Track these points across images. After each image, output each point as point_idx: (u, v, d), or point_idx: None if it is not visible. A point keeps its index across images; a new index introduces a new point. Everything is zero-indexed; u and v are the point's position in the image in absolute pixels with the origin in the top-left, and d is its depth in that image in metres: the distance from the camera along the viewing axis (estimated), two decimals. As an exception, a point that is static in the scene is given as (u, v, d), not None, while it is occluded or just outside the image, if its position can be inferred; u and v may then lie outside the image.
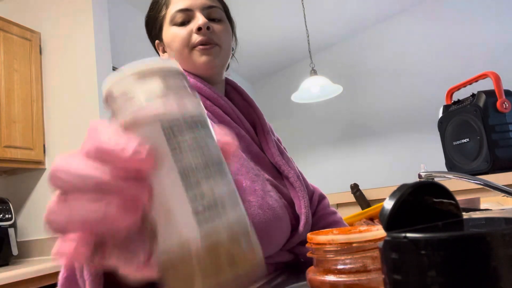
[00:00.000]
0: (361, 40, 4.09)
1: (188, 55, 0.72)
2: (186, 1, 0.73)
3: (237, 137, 0.72)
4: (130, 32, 2.93)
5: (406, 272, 0.23)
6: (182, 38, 0.71)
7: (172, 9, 0.73)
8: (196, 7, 0.73)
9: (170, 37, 0.74)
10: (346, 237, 0.38)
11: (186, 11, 0.72)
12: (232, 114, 0.74)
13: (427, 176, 0.90)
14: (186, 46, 0.72)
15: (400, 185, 0.28)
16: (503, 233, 0.22)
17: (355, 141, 4.11)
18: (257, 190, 0.66)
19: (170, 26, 0.73)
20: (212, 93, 0.73)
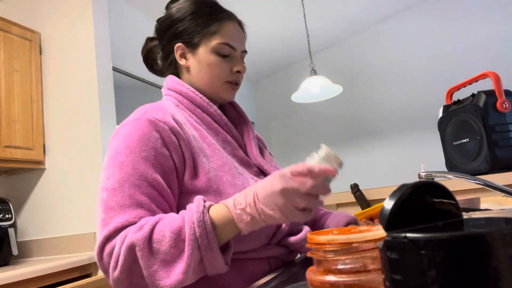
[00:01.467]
0: (361, 40, 4.09)
1: (217, 85, 0.82)
2: (236, 40, 0.83)
3: (224, 142, 0.81)
4: (130, 32, 2.92)
5: (406, 272, 0.23)
6: (221, 71, 0.81)
7: (220, 38, 0.81)
8: (239, 49, 0.84)
9: (208, 61, 0.81)
10: (346, 237, 0.38)
11: (232, 48, 0.82)
12: (220, 122, 0.82)
13: (427, 176, 0.90)
14: (220, 79, 0.82)
15: (400, 185, 0.28)
16: (503, 233, 0.22)
17: (355, 141, 4.11)
18: (237, 185, 0.73)
19: (211, 52, 0.81)
20: (203, 102, 0.81)
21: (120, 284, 0.61)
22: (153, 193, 0.65)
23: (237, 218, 0.60)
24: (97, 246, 0.62)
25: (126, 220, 0.62)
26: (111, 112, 2.14)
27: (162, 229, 0.59)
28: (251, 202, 0.60)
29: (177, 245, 0.59)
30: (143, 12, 3.11)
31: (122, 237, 0.60)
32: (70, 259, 1.73)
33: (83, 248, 1.95)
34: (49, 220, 2.10)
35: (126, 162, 0.66)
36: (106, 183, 0.66)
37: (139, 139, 0.68)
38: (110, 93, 2.16)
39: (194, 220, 0.59)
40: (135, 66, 2.84)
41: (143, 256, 0.58)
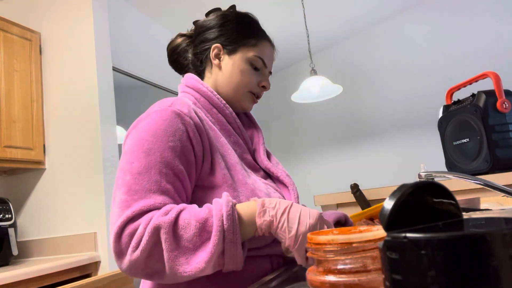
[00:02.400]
0: (361, 40, 4.09)
1: (242, 94, 0.88)
2: (268, 59, 0.91)
3: (235, 144, 0.84)
4: (130, 32, 2.92)
5: (406, 272, 0.23)
6: (250, 82, 0.88)
7: (257, 51, 0.88)
8: (269, 68, 0.92)
9: (241, 68, 0.87)
10: (346, 237, 0.38)
11: (264, 64, 0.90)
12: (233, 124, 0.86)
13: (427, 176, 0.90)
14: (246, 87, 0.88)
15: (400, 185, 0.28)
16: (503, 233, 0.22)
17: (355, 141, 4.11)
18: (248, 184, 0.76)
19: (246, 62, 0.87)
20: (219, 103, 0.85)
21: (136, 267, 0.61)
22: (177, 183, 0.68)
23: (259, 213, 0.64)
24: (117, 225, 0.62)
25: (152, 204, 0.63)
26: (111, 112, 2.14)
27: (187, 217, 0.61)
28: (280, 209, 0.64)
29: (201, 234, 0.61)
30: (143, 12, 3.11)
31: (147, 219, 0.61)
32: (70, 259, 1.73)
33: (83, 248, 1.95)
34: (49, 220, 2.10)
35: (154, 149, 0.67)
36: (130, 167, 0.66)
37: (166, 129, 0.69)
38: (110, 93, 2.16)
39: (224, 213, 0.61)
40: (135, 66, 2.84)
41: (167, 239, 0.59)
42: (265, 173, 0.89)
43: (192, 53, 0.94)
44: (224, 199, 0.64)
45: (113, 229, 0.63)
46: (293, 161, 4.60)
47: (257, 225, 0.63)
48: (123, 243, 0.62)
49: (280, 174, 0.88)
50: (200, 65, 0.92)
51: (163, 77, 3.08)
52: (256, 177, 0.83)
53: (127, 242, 0.61)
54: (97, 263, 1.89)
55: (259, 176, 0.85)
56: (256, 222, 0.63)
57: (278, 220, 0.62)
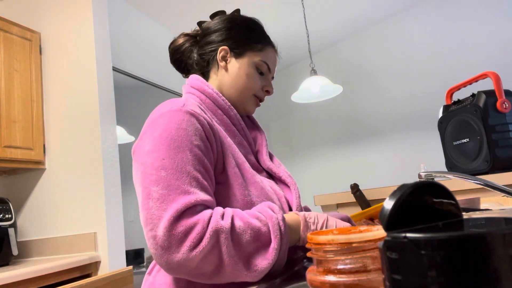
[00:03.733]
0: (361, 40, 4.09)
1: (246, 97, 0.90)
2: (273, 64, 0.94)
3: (239, 145, 0.85)
4: (130, 32, 2.92)
5: (406, 272, 0.23)
6: (255, 85, 0.90)
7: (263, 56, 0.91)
8: (273, 73, 0.96)
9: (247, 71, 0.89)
10: (346, 237, 0.38)
11: (268, 69, 0.92)
12: (238, 126, 0.88)
13: (427, 176, 0.90)
14: (251, 90, 0.90)
15: (400, 185, 0.28)
16: (503, 233, 0.22)
17: (355, 141, 4.11)
18: (257, 182, 0.78)
19: (252, 66, 0.90)
20: (224, 105, 0.86)
21: (187, 265, 0.60)
22: (209, 180, 0.70)
23: (303, 227, 0.70)
24: (166, 220, 0.60)
25: (199, 198, 0.63)
26: (111, 112, 2.14)
27: (241, 224, 0.64)
28: (319, 222, 0.71)
29: (255, 242, 0.65)
30: (143, 12, 3.11)
31: (204, 220, 0.61)
32: (70, 259, 1.73)
33: (83, 248, 1.95)
34: (49, 220, 2.10)
35: (182, 147, 0.67)
36: (162, 163, 0.66)
37: (187, 128, 0.70)
38: (110, 93, 2.16)
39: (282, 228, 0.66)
40: (135, 66, 2.84)
41: (228, 245, 0.61)
42: (268, 174, 0.90)
43: (197, 53, 0.94)
44: (277, 211, 0.69)
45: (161, 223, 0.61)
46: (293, 160, 4.60)
47: (302, 237, 0.70)
48: (176, 239, 0.60)
49: (282, 174, 0.89)
50: (206, 66, 0.93)
51: (163, 77, 3.08)
52: (261, 176, 0.84)
53: (181, 239, 0.60)
54: (97, 263, 1.89)
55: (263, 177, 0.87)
56: (301, 235, 0.70)
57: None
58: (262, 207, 0.70)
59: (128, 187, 1.93)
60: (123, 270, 0.97)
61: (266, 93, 0.94)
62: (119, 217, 2.03)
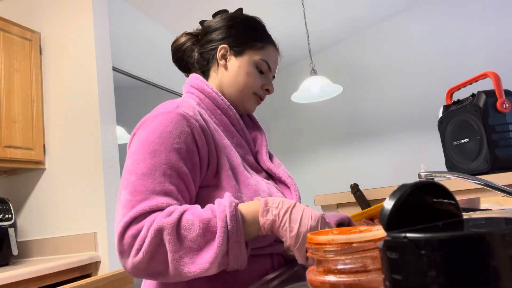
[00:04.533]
0: (361, 40, 4.09)
1: (246, 95, 0.89)
2: (274, 63, 0.93)
3: (238, 146, 0.85)
4: (130, 32, 2.92)
5: (406, 272, 0.23)
6: (255, 84, 0.89)
7: (263, 55, 0.90)
8: (273, 72, 0.94)
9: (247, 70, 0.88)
10: (346, 237, 0.38)
11: (269, 68, 0.91)
12: (237, 126, 0.87)
13: (427, 176, 0.90)
14: (251, 89, 0.89)
15: (400, 185, 0.28)
16: (503, 233, 0.22)
17: (355, 141, 4.11)
18: (250, 185, 0.77)
19: (252, 64, 0.89)
20: (224, 104, 0.86)
21: (139, 268, 0.62)
22: (181, 184, 0.69)
23: (262, 212, 0.65)
24: (121, 225, 0.63)
25: (155, 204, 0.64)
26: (111, 112, 2.14)
27: (190, 218, 0.62)
28: (283, 208, 0.64)
29: (205, 235, 0.61)
30: (143, 12, 3.11)
31: (149, 221, 0.62)
32: (70, 259, 1.73)
33: (83, 248, 1.95)
34: (49, 220, 2.10)
35: (159, 151, 0.68)
36: (135, 167, 0.67)
37: (172, 131, 0.70)
38: (110, 93, 2.16)
39: (227, 214, 0.62)
40: (135, 66, 2.84)
41: (171, 240, 0.60)
42: (267, 174, 0.90)
43: (198, 52, 0.94)
44: (227, 200, 0.65)
45: (117, 229, 0.63)
46: (293, 161, 4.59)
47: (260, 224, 0.64)
48: (125, 244, 0.62)
49: (282, 175, 0.89)
50: (206, 65, 0.93)
51: (163, 77, 3.08)
52: (259, 177, 0.84)
53: (130, 243, 0.62)
54: (97, 263, 1.89)
55: (261, 177, 0.86)
56: (259, 221, 0.64)
57: (280, 219, 0.63)
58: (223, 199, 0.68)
59: (128, 187, 1.92)
60: (123, 270, 0.96)
61: (266, 92, 0.93)
62: (119, 217, 2.03)
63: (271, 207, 0.65)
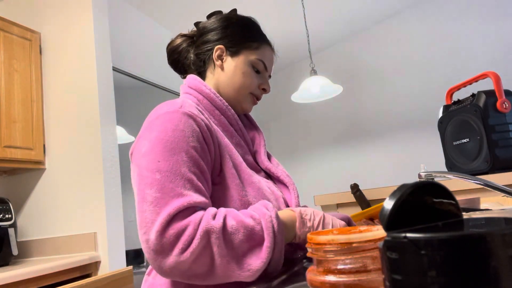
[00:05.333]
0: (361, 40, 4.09)
1: (243, 95, 0.90)
2: (270, 62, 0.94)
3: (237, 146, 0.85)
4: (130, 32, 2.92)
5: (406, 272, 0.23)
6: (251, 84, 0.89)
7: (259, 55, 0.90)
8: (269, 71, 0.95)
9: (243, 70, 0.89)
10: (346, 237, 0.38)
11: (265, 68, 0.92)
12: (235, 126, 0.88)
13: (427, 176, 0.90)
14: (248, 89, 0.89)
15: (400, 185, 0.28)
16: (503, 233, 0.22)
17: (355, 141, 4.11)
18: (254, 183, 0.78)
19: (248, 64, 0.89)
20: (222, 105, 0.86)
21: (180, 268, 0.60)
22: (204, 182, 0.69)
23: (299, 224, 0.69)
24: (159, 223, 0.60)
25: (192, 200, 0.63)
26: (111, 112, 2.14)
27: (233, 223, 0.63)
28: (316, 218, 0.70)
29: (249, 241, 0.63)
30: (143, 12, 3.11)
31: (195, 221, 0.61)
32: (70, 259, 1.73)
33: (83, 248, 1.95)
34: (49, 220, 2.10)
35: (178, 148, 0.67)
36: (157, 165, 0.66)
37: (184, 129, 0.69)
38: (110, 93, 2.16)
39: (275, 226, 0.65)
40: (135, 66, 2.84)
41: (219, 245, 0.60)
42: (266, 174, 0.90)
43: (194, 53, 0.94)
44: (271, 210, 0.67)
45: (154, 227, 0.61)
46: (293, 161, 4.59)
47: (298, 234, 0.69)
48: (167, 243, 0.60)
49: (281, 174, 0.89)
50: (202, 66, 0.93)
51: (163, 77, 3.08)
52: (259, 176, 0.84)
53: (173, 242, 0.60)
54: (97, 263, 1.89)
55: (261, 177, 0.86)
56: (297, 232, 0.69)
57: (315, 229, 0.69)
58: (257, 206, 0.69)
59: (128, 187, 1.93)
60: (123, 270, 0.97)
61: (263, 91, 0.93)
62: (119, 217, 2.03)
63: (306, 218, 0.69)
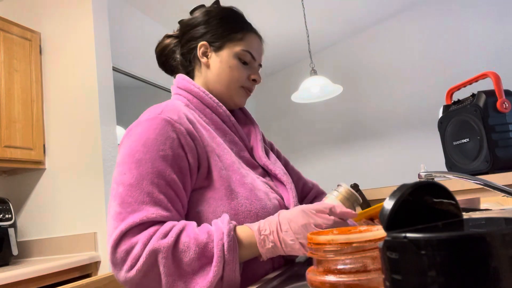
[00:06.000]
0: (361, 40, 4.09)
1: (234, 89, 0.87)
2: (256, 52, 0.89)
3: (231, 143, 0.83)
4: (130, 32, 2.92)
5: (406, 272, 0.23)
6: (240, 76, 0.86)
7: (244, 46, 0.86)
8: (258, 61, 0.91)
9: (229, 64, 0.86)
10: (346, 237, 0.38)
11: (252, 58, 0.88)
12: (228, 123, 0.85)
13: (427, 176, 0.90)
14: (237, 82, 0.86)
15: (400, 185, 0.28)
16: (503, 233, 0.22)
17: (355, 141, 4.11)
18: (246, 183, 0.75)
19: (234, 57, 0.86)
20: (212, 103, 0.84)
21: (131, 283, 0.62)
22: (170, 192, 0.67)
23: (260, 243, 0.64)
24: (112, 239, 0.62)
25: (145, 216, 0.63)
26: (111, 112, 2.14)
27: (186, 240, 0.61)
28: (274, 230, 0.65)
29: (200, 259, 0.61)
30: (143, 12, 3.11)
31: (144, 240, 0.61)
32: (70, 259, 1.73)
33: (83, 248, 1.95)
34: (49, 220, 2.10)
35: (144, 160, 0.67)
36: (122, 178, 0.67)
37: (156, 138, 0.69)
38: (110, 93, 2.16)
39: (225, 244, 0.62)
40: (135, 66, 2.84)
41: (166, 264, 0.60)
42: (264, 171, 0.88)
43: (179, 53, 0.92)
44: (225, 226, 0.64)
45: (109, 242, 0.63)
46: (293, 161, 4.57)
47: (262, 254, 0.65)
48: (118, 258, 0.62)
49: (278, 172, 0.87)
50: (189, 65, 0.90)
51: (163, 77, 3.07)
52: (255, 175, 0.82)
53: (123, 258, 0.61)
54: (97, 263, 1.89)
55: (257, 174, 0.84)
56: (261, 252, 0.65)
57: (280, 242, 0.64)
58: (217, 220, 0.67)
59: (128, 187, 1.93)
60: (123, 270, 0.96)
61: (254, 82, 0.90)
62: (119, 217, 2.03)
63: (265, 234, 0.65)
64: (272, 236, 0.64)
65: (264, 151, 0.90)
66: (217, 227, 0.64)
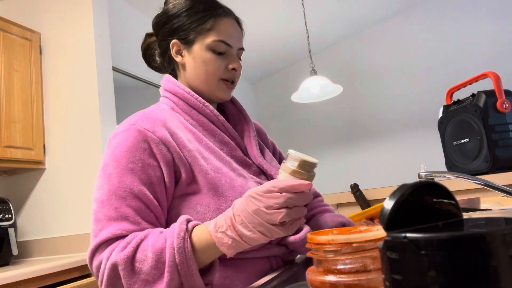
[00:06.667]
0: (361, 40, 4.09)
1: (212, 83, 0.81)
2: (232, 37, 0.81)
3: (221, 143, 0.79)
4: (130, 32, 2.92)
5: (406, 272, 0.23)
6: (216, 69, 0.80)
7: (215, 35, 0.79)
8: (236, 46, 0.82)
9: (203, 58, 0.80)
10: (346, 237, 0.38)
11: (227, 46, 0.80)
12: (217, 122, 0.80)
13: (427, 176, 0.90)
14: (215, 76, 0.80)
15: (400, 185, 0.28)
16: (503, 233, 0.22)
17: (355, 141, 4.11)
18: (236, 187, 0.72)
19: (207, 50, 0.79)
20: (198, 103, 0.79)
21: None
22: (139, 205, 0.66)
23: (218, 242, 0.60)
24: (88, 255, 0.66)
25: (110, 232, 0.63)
26: (111, 112, 2.14)
27: (145, 249, 0.61)
28: (230, 225, 0.59)
29: (158, 266, 0.60)
30: (143, 12, 3.11)
31: (107, 255, 0.62)
32: (70, 259, 1.73)
33: (82, 248, 1.95)
34: (49, 220, 2.10)
35: (114, 174, 0.67)
36: (95, 195, 0.68)
37: (127, 151, 0.68)
38: (110, 93, 2.16)
39: (175, 247, 0.59)
40: (135, 66, 2.84)
41: (125, 275, 0.60)
42: (259, 169, 0.84)
43: (158, 54, 0.88)
44: (176, 228, 0.61)
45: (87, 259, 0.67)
46: (293, 161, 4.59)
47: (225, 252, 0.60)
48: (94, 272, 0.65)
49: (274, 172, 0.83)
50: (168, 65, 0.87)
51: (163, 77, 3.08)
52: (248, 175, 0.78)
53: (96, 274, 0.64)
54: (97, 263, 1.89)
55: (252, 173, 0.81)
56: (222, 250, 0.60)
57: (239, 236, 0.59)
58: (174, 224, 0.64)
59: (128, 187, 1.93)
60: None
61: (234, 71, 0.82)
62: (119, 217, 2.03)
63: (221, 231, 0.60)
64: (230, 231, 0.59)
65: (258, 150, 0.85)
66: (171, 230, 0.62)
